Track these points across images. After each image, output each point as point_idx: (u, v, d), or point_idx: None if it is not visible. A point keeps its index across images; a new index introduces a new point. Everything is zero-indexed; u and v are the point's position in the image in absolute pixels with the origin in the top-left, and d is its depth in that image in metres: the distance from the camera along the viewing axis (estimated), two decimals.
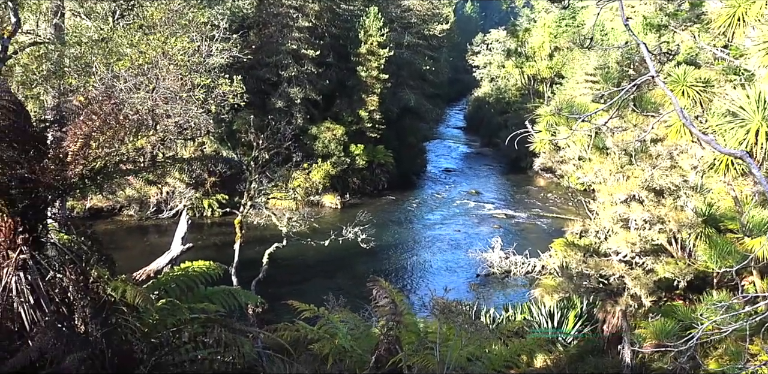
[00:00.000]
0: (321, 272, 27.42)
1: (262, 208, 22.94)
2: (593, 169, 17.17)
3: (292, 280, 25.85)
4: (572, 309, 19.20)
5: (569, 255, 17.56)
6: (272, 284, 21.74)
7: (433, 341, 8.18)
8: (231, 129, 32.81)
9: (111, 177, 7.97)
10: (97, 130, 7.52)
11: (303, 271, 27.32)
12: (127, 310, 8.00)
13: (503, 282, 27.24)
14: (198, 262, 10.31)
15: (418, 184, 44.98)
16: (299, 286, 25.00)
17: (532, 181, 45.36)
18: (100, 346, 7.29)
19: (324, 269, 27.63)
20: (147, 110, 8.99)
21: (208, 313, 9.16)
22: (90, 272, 7.71)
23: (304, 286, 25.07)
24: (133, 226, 32.65)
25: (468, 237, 33.23)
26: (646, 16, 30.49)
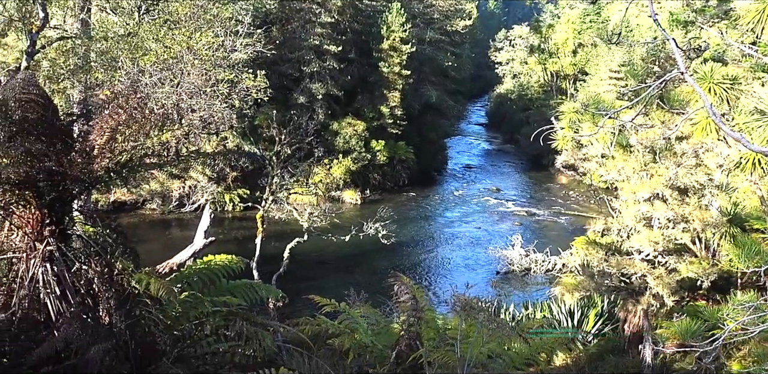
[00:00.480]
0: (341, 267, 27.50)
1: (284, 203, 23.04)
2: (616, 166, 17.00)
3: (313, 275, 25.96)
4: (593, 307, 19.05)
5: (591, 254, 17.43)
6: (293, 278, 21.86)
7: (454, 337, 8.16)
8: (253, 124, 32.97)
9: (136, 170, 8.04)
10: (123, 124, 7.60)
11: (323, 266, 27.43)
12: (151, 302, 8.07)
13: (523, 279, 27.11)
14: (220, 256, 10.37)
15: (438, 180, 44.88)
16: (320, 281, 25.10)
17: (554, 178, 45.03)
18: (124, 337, 7.37)
19: (344, 264, 27.71)
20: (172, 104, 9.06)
21: (230, 306, 9.22)
22: (115, 264, 7.80)
23: (324, 281, 25.16)
24: (156, 220, 33.00)
25: (488, 235, 33.11)
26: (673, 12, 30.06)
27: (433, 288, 25.70)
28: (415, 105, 42.52)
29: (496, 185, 43.05)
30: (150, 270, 8.45)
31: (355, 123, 38.33)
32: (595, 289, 18.79)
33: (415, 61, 41.23)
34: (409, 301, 8.62)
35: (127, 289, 7.73)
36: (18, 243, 7.55)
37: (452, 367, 7.80)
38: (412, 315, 8.37)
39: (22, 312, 7.26)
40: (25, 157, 7.14)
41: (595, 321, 18.53)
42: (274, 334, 10.51)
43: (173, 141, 8.62)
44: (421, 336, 8.62)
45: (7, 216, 7.46)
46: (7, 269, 7.59)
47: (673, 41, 4.48)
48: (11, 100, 7.38)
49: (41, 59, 14.42)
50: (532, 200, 40.15)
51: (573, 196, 40.13)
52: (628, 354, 16.65)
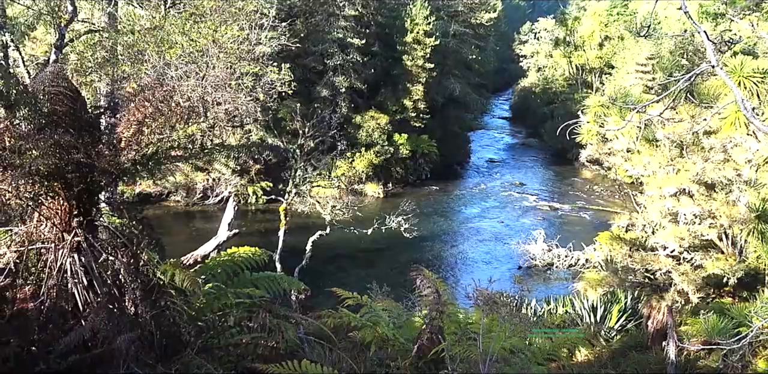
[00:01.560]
0: (364, 260, 27.59)
1: (306, 196, 23.13)
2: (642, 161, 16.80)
3: (335, 268, 26.08)
4: (616, 303, 18.90)
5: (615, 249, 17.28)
6: (315, 271, 21.98)
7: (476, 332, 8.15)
8: (276, 117, 33.09)
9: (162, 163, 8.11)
10: (149, 117, 7.67)
11: (346, 259, 27.54)
12: (176, 293, 8.16)
13: (545, 274, 26.98)
14: (244, 248, 10.45)
15: (461, 174, 44.74)
16: (342, 274, 25.21)
17: (578, 172, 44.64)
18: (149, 328, 7.47)
19: (367, 257, 27.79)
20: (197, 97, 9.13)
21: (253, 298, 9.30)
22: (141, 255, 7.89)
23: (346, 274, 25.27)
24: (180, 212, 33.36)
25: (510, 229, 32.97)
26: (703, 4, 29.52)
27: (455, 283, 25.66)
28: (439, 98, 42.35)
29: (519, 179, 42.79)
30: (175, 262, 8.55)
31: (378, 116, 38.31)
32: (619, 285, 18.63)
33: (439, 55, 41.03)
34: (431, 295, 8.61)
35: (153, 280, 7.82)
36: (47, 234, 7.67)
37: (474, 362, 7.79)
38: (434, 309, 8.37)
39: (51, 301, 7.39)
40: (54, 149, 7.23)
41: (618, 317, 18.39)
42: (296, 326, 10.59)
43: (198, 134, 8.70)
44: (443, 330, 8.62)
45: (37, 207, 7.58)
46: (36, 259, 7.72)
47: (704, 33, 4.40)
48: (40, 92, 7.48)
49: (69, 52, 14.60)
50: (555, 195, 39.86)
51: (597, 191, 39.75)
52: (652, 351, 16.50)
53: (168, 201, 34.14)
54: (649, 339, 17.12)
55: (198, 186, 34.13)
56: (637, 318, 18.23)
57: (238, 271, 10.06)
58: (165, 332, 7.63)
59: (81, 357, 7.10)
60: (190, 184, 34.16)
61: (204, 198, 34.11)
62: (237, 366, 8.28)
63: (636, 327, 18.09)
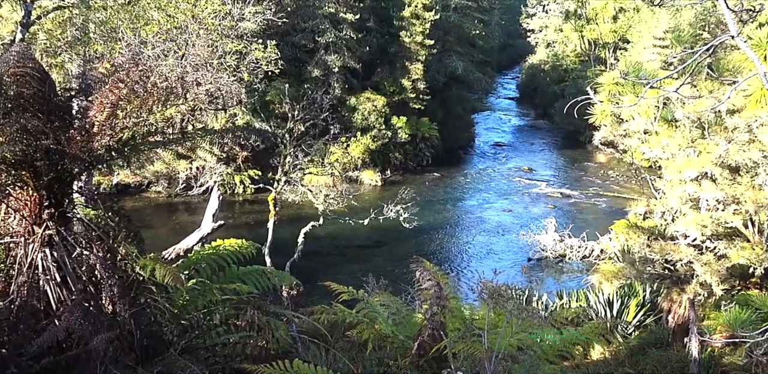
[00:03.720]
0: (360, 253, 27.66)
1: (297, 185, 23.16)
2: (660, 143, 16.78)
3: (329, 261, 26.16)
4: (634, 297, 18.98)
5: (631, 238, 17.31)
6: (308, 265, 22.03)
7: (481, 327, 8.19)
8: (264, 99, 33.03)
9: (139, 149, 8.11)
10: (124, 99, 7.66)
11: (340, 252, 27.61)
12: (156, 290, 8.20)
13: (557, 267, 27.07)
14: (230, 241, 10.48)
15: (465, 159, 44.72)
16: (336, 268, 25.28)
17: (592, 156, 44.64)
18: (128, 327, 7.51)
19: (363, 250, 27.86)
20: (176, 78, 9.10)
21: (241, 294, 9.33)
22: (118, 249, 7.92)
23: (341, 268, 25.34)
24: (162, 203, 33.37)
25: (519, 218, 33.03)
26: None
27: (458, 275, 25.76)
28: (440, 78, 42.22)
29: (527, 164, 42.80)
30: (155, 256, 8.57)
31: (374, 98, 38.22)
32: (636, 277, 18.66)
33: (439, 30, 40.83)
34: (432, 289, 8.65)
35: (132, 276, 7.85)
36: (15, 228, 7.68)
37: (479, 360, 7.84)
38: (436, 304, 8.41)
39: (21, 300, 7.41)
40: (22, 135, 7.23)
41: (636, 311, 18.47)
42: (287, 324, 10.64)
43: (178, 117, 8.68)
44: (446, 326, 8.66)
45: (4, 198, 7.58)
46: (4, 255, 7.74)
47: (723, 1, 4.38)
48: (6, 74, 7.46)
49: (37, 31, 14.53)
50: (567, 180, 39.89)
51: (612, 176, 39.78)
52: (673, 348, 16.59)
53: (148, 192, 34.14)
54: (669, 334, 17.19)
55: (180, 175, 34.09)
56: (657, 313, 18.30)
57: (224, 266, 10.10)
58: (145, 331, 7.67)
59: (55, 359, 7.14)
60: (172, 173, 34.13)
61: (187, 189, 34.10)
62: (224, 367, 8.33)
63: (655, 322, 18.17)
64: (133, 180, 33.90)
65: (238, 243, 10.41)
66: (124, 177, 33.29)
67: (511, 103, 62.84)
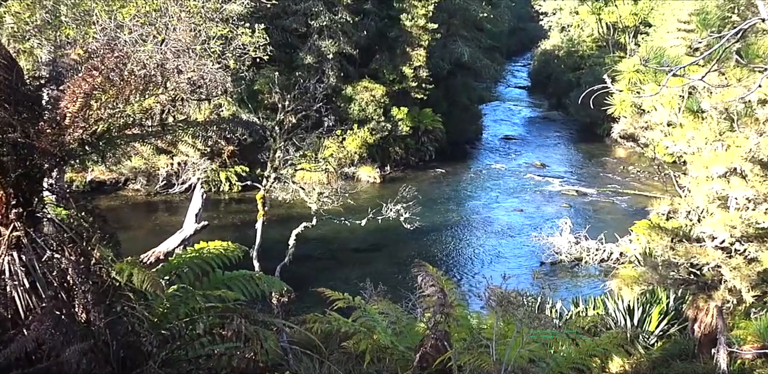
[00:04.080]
0: (356, 256, 27.69)
1: (288, 182, 23.14)
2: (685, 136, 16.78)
3: (323, 265, 26.19)
4: (656, 304, 19.01)
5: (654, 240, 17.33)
6: (300, 269, 22.04)
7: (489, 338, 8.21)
8: (252, 89, 33.00)
9: (115, 143, 8.11)
10: (98, 88, 7.65)
11: (335, 255, 27.64)
12: (134, 297, 8.21)
13: (572, 271, 27.11)
14: (214, 243, 10.50)
15: (472, 154, 44.76)
16: (331, 272, 25.31)
17: (610, 151, 44.67)
18: (103, 337, 7.52)
19: (360, 253, 27.90)
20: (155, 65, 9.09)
21: (226, 302, 9.35)
22: (92, 252, 7.92)
23: (336, 272, 25.38)
24: (140, 202, 33.38)
25: (531, 218, 33.07)
26: None
27: (464, 281, 25.81)
28: (444, 65, 42.22)
29: (540, 160, 42.83)
30: (133, 260, 8.58)
31: (372, 87, 38.21)
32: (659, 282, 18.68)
33: (444, 13, 40.81)
34: (435, 295, 8.66)
35: (107, 281, 7.85)
36: None
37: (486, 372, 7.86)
38: (439, 312, 8.42)
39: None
40: None
41: (658, 320, 18.50)
42: (278, 334, 10.65)
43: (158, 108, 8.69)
44: (450, 336, 8.68)
45: None
46: None
47: None
48: None
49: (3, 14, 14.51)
50: (583, 177, 39.92)
51: (633, 172, 39.83)
52: (699, 360, 16.62)
53: (125, 190, 34.15)
54: (695, 345, 17.22)
55: (160, 171, 34.09)
56: (681, 322, 18.33)
57: (208, 270, 10.12)
58: (122, 342, 7.68)
59: (23, 372, 7.14)
60: (151, 170, 34.12)
61: (168, 186, 34.10)
62: None
63: (680, 331, 18.20)
64: (109, 177, 33.90)
65: (223, 246, 10.43)
66: (98, 173, 33.29)
67: (522, 93, 62.83)
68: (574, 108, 47.64)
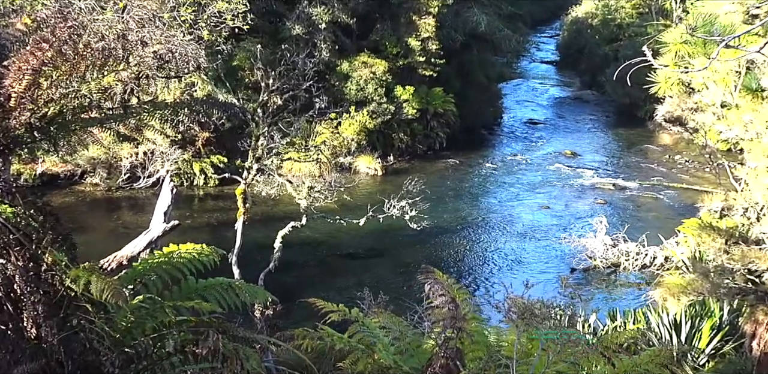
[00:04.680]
0: (354, 261, 27.72)
1: (274, 174, 23.16)
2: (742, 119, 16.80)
3: (315, 272, 26.22)
4: (707, 317, 19.03)
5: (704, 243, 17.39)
6: (287, 277, 22.11)
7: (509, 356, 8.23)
8: (230, 64, 32.96)
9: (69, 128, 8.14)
10: (49, 64, 7.67)
11: (329, 260, 27.66)
12: (93, 309, 8.24)
13: (608, 279, 27.10)
14: (187, 246, 10.52)
15: (489, 141, 44.72)
16: (324, 280, 25.35)
17: (653, 137, 44.61)
18: (56, 356, 7.55)
19: (358, 257, 27.91)
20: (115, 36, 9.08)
21: (201, 315, 9.38)
22: (43, 257, 7.95)
23: (330, 280, 25.41)
24: (99, 199, 33.40)
25: (559, 217, 33.06)
26: None
27: (479, 290, 25.82)
28: (457, 36, 42.10)
29: (570, 148, 42.79)
30: (91, 266, 8.60)
31: (372, 62, 38.15)
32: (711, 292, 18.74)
33: None
34: (446, 306, 8.69)
35: (61, 291, 7.89)
36: None
37: None
38: (451, 326, 8.45)
39: None
40: None
41: (710, 335, 18.53)
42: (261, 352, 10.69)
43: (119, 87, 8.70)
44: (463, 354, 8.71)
45: None
46: None
47: None
48: None
49: None
50: (621, 168, 39.89)
51: (680, 162, 39.77)
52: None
53: (82, 185, 34.16)
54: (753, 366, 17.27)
55: (123, 163, 34.08)
56: (737, 338, 18.36)
57: (179, 278, 10.15)
58: (78, 362, 7.71)
59: None
60: (112, 161, 34.12)
61: (132, 180, 34.10)
62: None
63: (735, 349, 18.23)
64: (63, 169, 33.90)
65: (197, 249, 10.46)
66: (50, 165, 33.30)
67: (549, 69, 62.73)
68: (611, 86, 47.55)
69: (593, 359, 9.33)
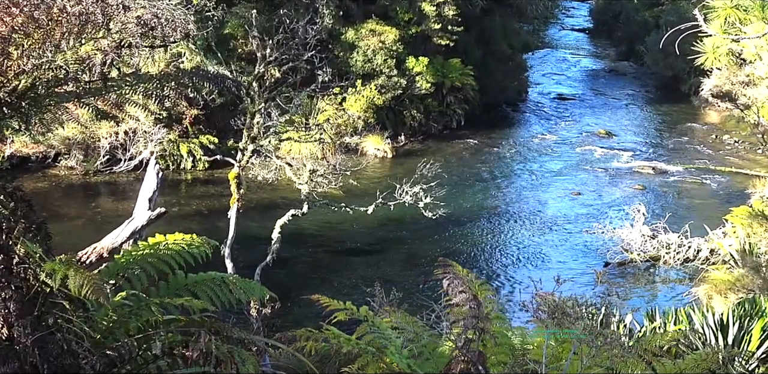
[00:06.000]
0: (362, 254, 27.73)
1: (271, 156, 23.17)
2: None
3: (318, 266, 26.26)
4: (758, 317, 19.01)
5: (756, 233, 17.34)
6: (287, 271, 22.15)
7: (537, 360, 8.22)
8: (222, 32, 32.94)
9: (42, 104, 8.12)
10: (19, 31, 7.64)
11: (334, 252, 27.69)
12: (71, 307, 8.25)
13: (647, 274, 27.11)
14: (174, 236, 10.51)
15: (513, 119, 44.66)
16: (328, 275, 25.40)
17: (699, 114, 44.43)
18: (31, 359, 7.57)
19: (366, 249, 27.92)
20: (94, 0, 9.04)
21: (191, 313, 9.39)
22: (14, 249, 7.95)
23: (335, 275, 25.45)
24: (76, 183, 33.47)
25: (592, 205, 33.03)
26: None
27: (503, 286, 25.84)
28: (477, 0, 41.98)
29: (605, 127, 42.69)
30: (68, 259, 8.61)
31: (381, 30, 38.04)
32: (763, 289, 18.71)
33: None
34: (466, 305, 8.67)
35: (35, 287, 7.89)
36: None
37: None
38: (472, 327, 8.43)
39: None
40: None
41: (761, 337, 18.52)
42: (258, 355, 10.71)
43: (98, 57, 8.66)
44: (486, 358, 8.70)
45: None
46: None
47: None
48: None
49: None
50: (663, 150, 39.79)
51: (729, 143, 39.63)
52: None
53: (56, 168, 34.22)
54: None
55: (102, 143, 34.12)
56: None
57: (166, 272, 10.15)
58: (55, 365, 7.73)
59: None
60: (90, 141, 34.16)
61: (112, 163, 34.14)
62: None
63: None
64: (35, 150, 33.94)
65: (186, 240, 10.45)
66: (21, 146, 33.35)
67: (580, 38, 62.51)
68: (651, 57, 47.39)
69: (632, 363, 9.31)
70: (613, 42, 57.96)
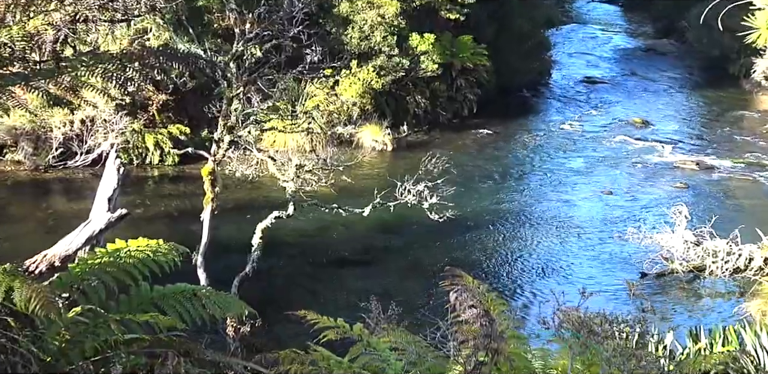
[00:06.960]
0: (356, 262, 27.73)
1: (251, 149, 23.16)
2: None
3: (305, 276, 26.24)
4: None
5: None
6: (269, 283, 22.15)
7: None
8: (194, 5, 32.94)
9: None
10: None
11: (324, 261, 27.67)
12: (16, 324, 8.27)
13: (690, 287, 27.11)
14: (138, 241, 10.53)
15: (533, 106, 44.71)
16: (317, 287, 25.39)
17: (750, 100, 44.50)
18: None
19: (362, 257, 27.92)
20: None
21: (157, 332, 9.41)
22: None
23: (325, 287, 25.46)
24: (24, 181, 33.50)
25: (625, 206, 33.04)
26: None
27: (520, 300, 25.82)
28: None
29: (641, 115, 42.71)
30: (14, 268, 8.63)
31: (380, 2, 38.06)
32: None
33: None
34: (477, 321, 8.70)
35: None
36: None
37: None
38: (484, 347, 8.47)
39: None
40: None
41: None
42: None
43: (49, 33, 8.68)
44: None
45: None
46: None
47: None
48: None
49: None
50: (708, 142, 39.83)
51: None
52: None
53: (1, 163, 34.27)
54: None
55: (54, 134, 34.16)
56: None
57: (128, 284, 10.16)
58: None
59: None
60: (41, 131, 34.18)
61: (66, 157, 34.19)
62: None
63: None
64: None
65: (152, 247, 10.47)
66: None
67: (612, 11, 62.61)
68: (695, 34, 47.44)
69: None
70: (650, 17, 58.00)
